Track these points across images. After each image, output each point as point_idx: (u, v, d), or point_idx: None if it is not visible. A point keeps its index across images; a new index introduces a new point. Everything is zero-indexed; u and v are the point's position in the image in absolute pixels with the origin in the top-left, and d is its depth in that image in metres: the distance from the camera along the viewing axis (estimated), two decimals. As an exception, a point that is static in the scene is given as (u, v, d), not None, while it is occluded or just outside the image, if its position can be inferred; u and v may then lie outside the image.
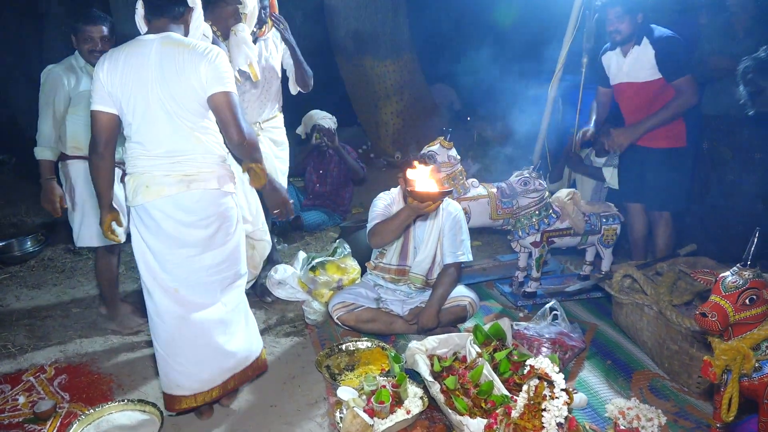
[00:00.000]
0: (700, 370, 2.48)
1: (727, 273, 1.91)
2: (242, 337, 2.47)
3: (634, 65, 3.34)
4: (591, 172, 4.22)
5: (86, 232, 3.10)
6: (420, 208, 2.74)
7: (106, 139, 2.25)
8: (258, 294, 3.61)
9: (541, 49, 7.65)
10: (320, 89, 4.35)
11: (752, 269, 1.86)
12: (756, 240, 1.88)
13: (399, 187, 3.19)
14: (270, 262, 3.65)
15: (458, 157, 3.62)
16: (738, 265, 1.89)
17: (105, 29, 2.95)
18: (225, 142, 2.30)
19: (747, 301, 1.83)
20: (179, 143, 2.21)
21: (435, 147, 3.55)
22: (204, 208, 2.25)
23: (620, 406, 2.26)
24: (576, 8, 3.94)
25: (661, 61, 3.24)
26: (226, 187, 2.31)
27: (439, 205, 2.84)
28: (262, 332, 3.22)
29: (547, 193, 3.37)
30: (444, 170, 3.55)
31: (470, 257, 3.18)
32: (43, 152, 2.99)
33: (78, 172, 3.05)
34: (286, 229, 4.81)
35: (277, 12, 3.34)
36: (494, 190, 3.64)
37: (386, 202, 3.19)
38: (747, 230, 1.94)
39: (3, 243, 4.39)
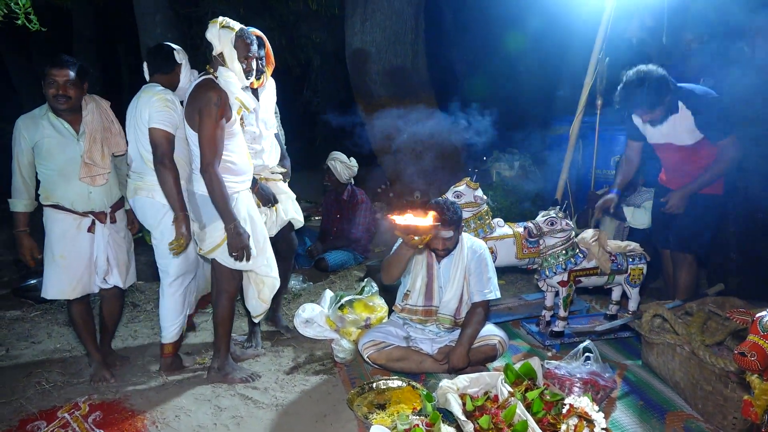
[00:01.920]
0: (735, 411, 2.50)
1: (764, 312, 1.92)
2: None
3: (672, 130, 3.33)
4: (613, 212, 4.27)
5: (54, 284, 2.99)
6: (407, 241, 2.81)
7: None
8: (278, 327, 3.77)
9: (557, 90, 7.82)
10: (338, 130, 4.48)
11: (789, 309, 1.88)
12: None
13: None
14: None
15: (484, 197, 3.68)
16: (775, 305, 1.92)
17: (71, 73, 2.87)
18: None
19: (786, 341, 1.85)
20: None
21: (461, 187, 3.62)
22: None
23: (658, 447, 2.25)
24: (596, 51, 4.05)
25: (702, 125, 3.23)
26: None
27: (425, 240, 2.79)
28: (291, 370, 3.25)
29: (573, 233, 3.41)
30: (470, 210, 3.61)
31: (498, 294, 3.20)
32: (15, 204, 2.94)
33: (49, 221, 2.98)
34: (311, 270, 4.89)
35: (272, 62, 3.19)
36: (520, 229, 3.68)
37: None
38: None
39: (34, 281, 4.46)
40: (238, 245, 2.81)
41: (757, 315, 1.94)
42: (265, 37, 3.04)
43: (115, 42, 9.68)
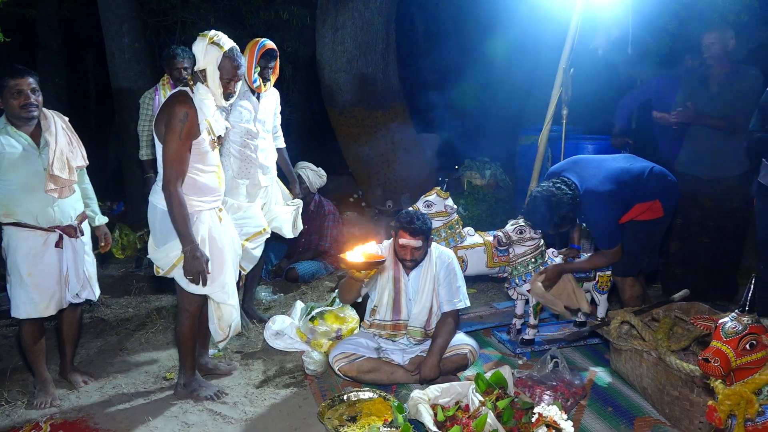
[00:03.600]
0: (701, 416, 2.53)
1: (726, 318, 1.96)
2: None
3: None
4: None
5: (25, 303, 2.90)
6: (350, 275, 2.87)
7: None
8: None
9: (528, 99, 7.92)
10: (310, 139, 4.47)
11: (750, 315, 1.92)
12: (753, 286, 1.95)
13: (391, 239, 3.20)
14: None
15: (455, 206, 3.69)
16: (736, 310, 1.95)
17: (33, 80, 2.80)
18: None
19: (747, 346, 1.88)
20: None
21: (432, 197, 3.63)
22: None
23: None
24: (563, 62, 4.11)
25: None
26: None
27: (369, 275, 2.85)
28: (261, 384, 3.21)
29: (542, 240, 3.44)
30: (440, 219, 3.62)
31: (468, 302, 3.20)
32: None
33: (13, 240, 2.87)
34: (282, 281, 4.84)
35: (277, 73, 3.63)
36: (490, 238, 3.70)
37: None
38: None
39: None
40: (193, 269, 2.71)
41: (720, 321, 1.98)
42: (277, 50, 3.51)
43: (81, 52, 9.50)
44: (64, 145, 2.92)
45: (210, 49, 2.68)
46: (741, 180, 3.89)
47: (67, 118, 3.04)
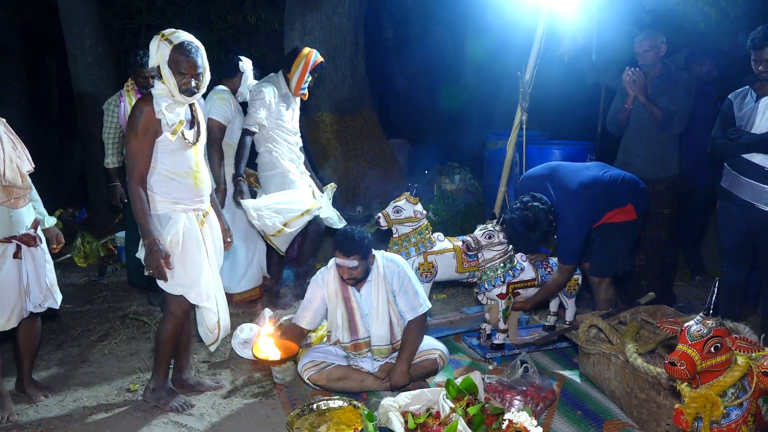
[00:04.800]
0: (668, 418, 2.56)
1: (691, 322, 1.98)
2: None
3: None
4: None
5: None
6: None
7: None
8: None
9: (496, 104, 7.99)
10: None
11: (715, 318, 1.94)
12: (716, 290, 1.97)
13: (335, 263, 3.07)
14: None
15: (424, 212, 3.69)
16: (701, 314, 1.97)
17: None
18: None
19: (712, 349, 1.90)
20: None
21: (401, 202, 3.62)
22: None
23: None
24: (530, 68, 4.15)
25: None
26: None
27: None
28: (229, 394, 3.15)
29: (511, 246, 3.45)
30: (410, 225, 3.61)
31: (429, 304, 3.13)
32: None
33: None
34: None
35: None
36: (459, 243, 3.70)
37: (315, 289, 3.14)
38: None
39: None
40: (151, 262, 2.68)
41: (686, 324, 2.00)
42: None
43: (43, 55, 9.25)
44: (10, 150, 2.78)
45: (161, 45, 2.65)
46: (671, 182, 3.93)
47: (4, 120, 2.88)
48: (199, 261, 2.85)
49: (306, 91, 4.01)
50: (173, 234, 2.75)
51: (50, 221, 3.08)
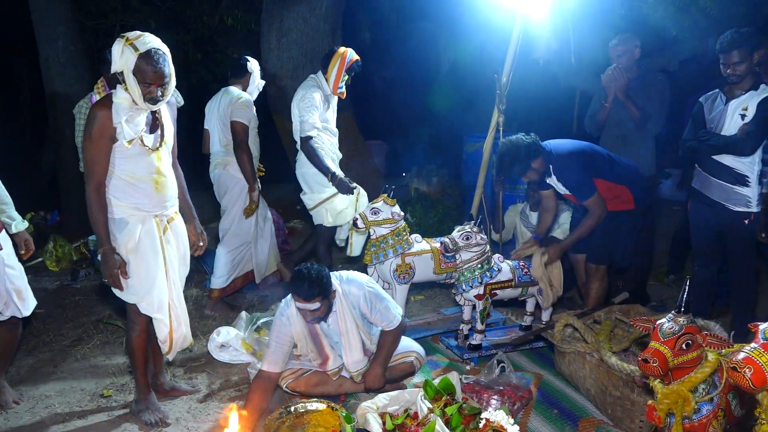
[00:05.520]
0: (642, 415, 2.60)
1: (664, 320, 2.02)
2: None
3: (559, 186, 3.59)
4: (527, 224, 4.44)
5: None
6: None
7: None
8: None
9: (473, 106, 8.04)
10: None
11: (686, 315, 1.98)
12: (688, 288, 2.01)
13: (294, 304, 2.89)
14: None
15: (402, 213, 3.69)
16: (673, 312, 2.01)
17: None
18: None
19: (684, 345, 1.94)
20: None
21: (379, 204, 3.62)
22: None
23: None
24: (507, 71, 4.19)
25: (567, 186, 3.51)
26: None
27: None
28: (206, 398, 3.12)
29: (488, 246, 3.48)
30: (387, 227, 3.62)
31: (401, 312, 3.12)
32: None
33: None
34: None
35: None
36: (437, 245, 3.72)
37: (282, 329, 2.94)
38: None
39: None
40: (106, 271, 2.65)
41: (658, 322, 2.03)
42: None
43: (11, 55, 9.07)
44: None
45: (125, 50, 2.49)
46: (648, 182, 3.96)
47: None
48: (154, 270, 2.74)
49: (344, 89, 4.14)
50: (127, 241, 2.67)
51: (20, 225, 2.98)
